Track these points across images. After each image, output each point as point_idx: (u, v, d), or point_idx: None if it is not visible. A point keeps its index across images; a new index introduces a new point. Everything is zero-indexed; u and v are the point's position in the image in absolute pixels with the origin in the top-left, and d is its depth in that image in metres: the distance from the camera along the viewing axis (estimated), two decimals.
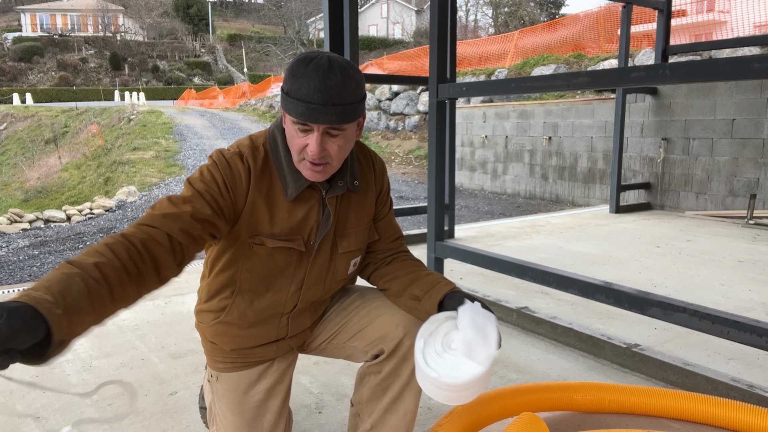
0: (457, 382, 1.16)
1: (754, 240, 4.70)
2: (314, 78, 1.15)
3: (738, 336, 1.93)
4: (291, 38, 47.05)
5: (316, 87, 1.14)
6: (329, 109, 1.15)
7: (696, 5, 18.78)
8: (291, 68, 1.19)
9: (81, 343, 2.60)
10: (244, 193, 1.28)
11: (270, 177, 1.30)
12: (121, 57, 43.62)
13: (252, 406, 1.46)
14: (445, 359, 1.19)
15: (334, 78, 1.15)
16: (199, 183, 1.25)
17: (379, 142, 15.24)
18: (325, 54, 1.19)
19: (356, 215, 1.42)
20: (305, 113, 1.16)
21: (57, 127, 21.16)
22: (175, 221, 1.17)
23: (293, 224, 1.33)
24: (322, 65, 1.16)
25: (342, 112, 1.17)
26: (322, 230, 1.36)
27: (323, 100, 1.15)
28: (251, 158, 1.29)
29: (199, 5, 52.12)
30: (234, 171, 1.27)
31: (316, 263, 1.39)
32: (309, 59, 1.17)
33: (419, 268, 1.46)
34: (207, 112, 22.17)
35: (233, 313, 1.40)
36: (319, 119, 1.16)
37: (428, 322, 1.27)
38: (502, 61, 14.39)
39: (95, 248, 1.06)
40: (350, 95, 1.18)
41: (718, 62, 1.89)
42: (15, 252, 6.71)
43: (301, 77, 1.16)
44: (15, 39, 43.70)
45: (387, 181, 1.52)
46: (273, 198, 1.31)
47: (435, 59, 3.11)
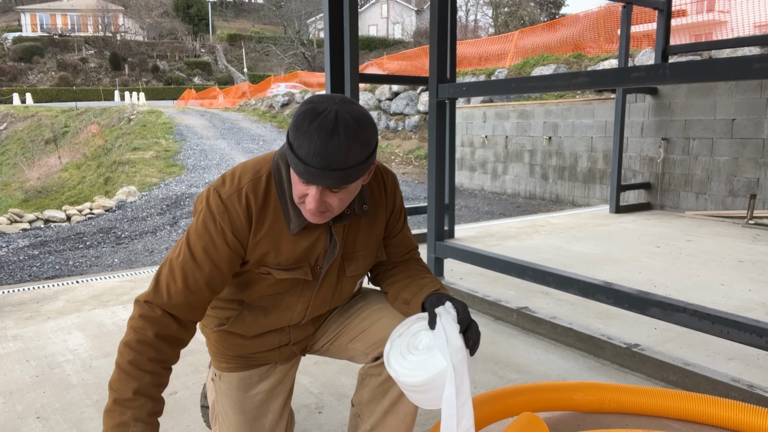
0: (413, 381, 1.16)
1: (754, 240, 4.70)
2: (316, 139, 1.08)
3: (738, 336, 1.93)
4: (291, 38, 47.03)
5: (316, 150, 1.08)
6: (328, 174, 1.09)
7: (696, 5, 18.78)
8: (297, 120, 1.11)
9: (81, 343, 2.60)
10: (247, 233, 1.25)
11: (273, 210, 1.26)
12: (121, 57, 43.62)
13: (254, 405, 1.48)
14: (409, 360, 1.20)
15: (337, 141, 1.08)
16: (203, 252, 1.23)
17: (379, 142, 15.25)
18: (334, 107, 1.11)
19: (365, 238, 1.39)
20: (303, 173, 1.11)
21: (57, 127, 21.16)
22: (199, 307, 1.26)
23: (299, 254, 1.30)
24: (327, 125, 1.08)
25: (342, 177, 1.11)
26: (329, 258, 1.34)
27: (322, 164, 1.08)
28: (252, 193, 1.24)
29: (199, 5, 52.11)
30: (233, 216, 1.23)
31: (323, 287, 1.40)
32: (316, 114, 1.10)
33: (418, 272, 1.44)
34: (207, 112, 22.17)
35: (237, 325, 1.43)
36: (317, 182, 1.11)
37: (400, 324, 1.29)
38: (502, 61, 14.39)
39: (130, 374, 1.18)
40: (353, 159, 1.10)
41: (718, 62, 1.89)
42: (15, 252, 6.71)
43: (303, 135, 1.09)
44: (15, 39, 43.69)
45: (399, 198, 1.46)
46: (277, 231, 1.27)
47: (435, 59, 3.11)
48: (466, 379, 1.13)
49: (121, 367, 1.18)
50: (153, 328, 1.20)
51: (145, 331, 1.20)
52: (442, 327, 1.17)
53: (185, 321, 1.26)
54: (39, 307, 3.12)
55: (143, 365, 1.18)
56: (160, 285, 1.23)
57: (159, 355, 1.20)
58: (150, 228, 7.95)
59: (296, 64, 43.80)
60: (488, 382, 2.20)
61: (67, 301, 3.24)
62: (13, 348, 2.55)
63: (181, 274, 1.23)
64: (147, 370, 1.18)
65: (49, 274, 5.75)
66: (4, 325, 2.85)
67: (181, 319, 1.25)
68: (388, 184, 1.42)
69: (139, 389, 1.16)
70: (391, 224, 1.45)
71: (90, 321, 2.90)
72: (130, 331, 1.21)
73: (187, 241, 1.25)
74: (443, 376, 1.13)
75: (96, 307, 3.12)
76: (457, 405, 1.11)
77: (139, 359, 1.18)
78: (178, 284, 1.23)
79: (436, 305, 1.25)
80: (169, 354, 1.23)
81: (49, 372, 2.29)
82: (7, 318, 2.95)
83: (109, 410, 1.17)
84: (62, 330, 2.77)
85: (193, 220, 1.28)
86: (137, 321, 1.21)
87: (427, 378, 1.15)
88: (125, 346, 1.20)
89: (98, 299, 3.26)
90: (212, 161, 13.48)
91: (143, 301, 1.23)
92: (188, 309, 1.24)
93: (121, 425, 1.14)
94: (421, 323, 1.26)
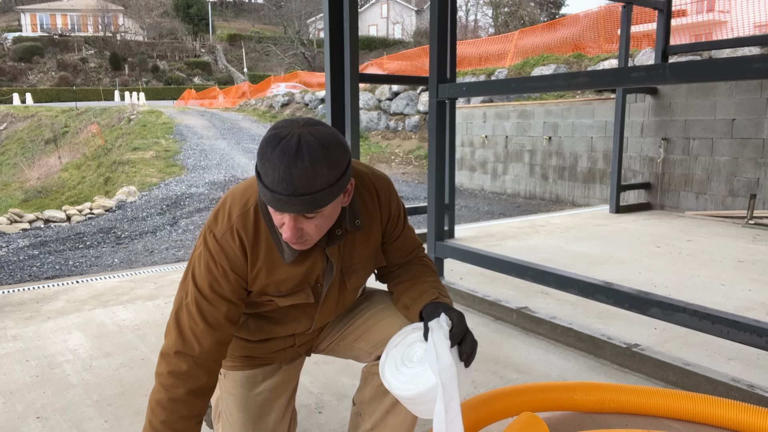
0: (405, 394, 1.17)
1: (754, 240, 4.70)
2: (279, 166, 1.05)
3: (738, 336, 1.93)
4: (291, 38, 47.02)
5: (280, 176, 1.05)
6: (295, 200, 1.07)
7: (696, 5, 18.78)
8: (261, 147, 1.09)
9: (81, 343, 2.60)
10: (245, 267, 1.26)
11: (266, 241, 1.26)
12: (121, 57, 43.61)
13: (258, 404, 1.49)
14: (402, 372, 1.20)
15: (301, 165, 1.05)
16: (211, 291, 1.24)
17: (379, 142, 15.25)
18: (297, 131, 1.08)
19: (362, 251, 1.38)
20: (271, 202, 1.09)
21: (57, 127, 21.16)
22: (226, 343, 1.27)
23: (298, 279, 1.31)
24: (290, 149, 1.05)
25: (310, 202, 1.07)
26: (327, 279, 1.35)
27: (288, 190, 1.06)
28: (243, 229, 1.24)
29: (199, 5, 52.09)
30: (230, 254, 1.24)
31: (326, 302, 1.40)
32: (279, 139, 1.07)
33: (421, 275, 1.43)
34: (207, 112, 22.16)
35: (242, 331, 1.44)
36: (285, 209, 1.08)
37: (397, 334, 1.29)
38: (502, 61, 14.39)
39: None
40: (320, 182, 1.07)
41: (718, 62, 1.89)
42: (15, 252, 6.71)
43: (267, 162, 1.07)
44: (15, 39, 43.68)
45: (395, 203, 1.41)
46: (272, 261, 1.27)
47: (435, 59, 3.11)
48: (455, 395, 1.13)
49: (154, 426, 1.21)
50: (185, 386, 1.22)
51: (176, 389, 1.21)
52: (433, 343, 1.17)
53: (213, 367, 1.27)
54: (39, 307, 3.12)
55: (176, 424, 1.21)
56: (184, 332, 1.24)
57: (191, 411, 1.23)
58: (150, 228, 7.95)
59: (296, 64, 43.79)
60: (488, 382, 2.20)
61: (67, 301, 3.24)
62: (13, 348, 2.55)
63: (200, 315, 1.24)
64: (180, 428, 1.21)
65: (49, 274, 5.75)
66: (4, 325, 2.85)
67: (209, 367, 1.26)
68: (381, 193, 1.37)
69: None
70: (389, 231, 1.43)
71: (90, 321, 2.90)
72: (161, 389, 1.22)
73: (195, 285, 1.26)
74: (434, 391, 1.14)
75: (96, 307, 3.12)
76: (446, 421, 1.12)
77: (172, 418, 1.21)
78: (200, 326, 1.24)
79: (431, 316, 1.24)
80: (200, 407, 1.25)
81: (49, 372, 2.29)
82: (7, 318, 2.95)
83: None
84: (62, 330, 2.77)
85: (194, 261, 1.29)
86: (167, 378, 1.22)
87: (418, 392, 1.15)
88: (158, 405, 1.21)
89: (98, 299, 3.26)
90: (212, 161, 13.47)
91: (173, 354, 1.23)
92: (218, 347, 1.26)
93: None
94: (416, 334, 1.26)
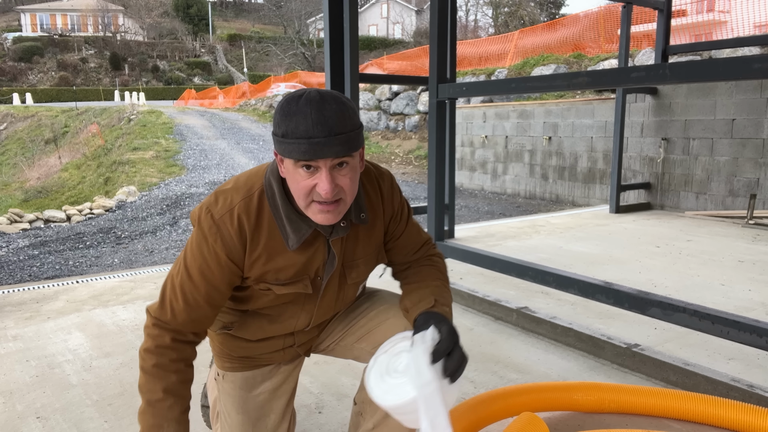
0: (384, 404, 1.17)
1: (754, 240, 4.70)
2: (310, 112, 1.08)
3: (738, 336, 1.93)
4: (291, 38, 47.02)
5: (314, 120, 1.07)
6: (333, 140, 1.08)
7: (696, 5, 18.78)
8: (281, 109, 1.11)
9: (81, 343, 2.60)
10: (241, 253, 1.24)
11: (268, 228, 1.24)
12: (121, 57, 43.61)
13: (257, 405, 1.48)
14: (385, 381, 1.20)
15: (330, 107, 1.09)
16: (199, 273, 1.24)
17: (379, 142, 15.25)
18: (312, 89, 1.13)
19: (364, 246, 1.36)
20: (308, 150, 1.08)
21: (57, 127, 21.16)
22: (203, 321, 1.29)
23: (298, 267, 1.29)
24: (314, 98, 1.10)
25: (346, 141, 1.10)
26: (328, 270, 1.33)
27: (325, 131, 1.08)
28: (244, 213, 1.22)
29: (199, 5, 52.09)
30: (225, 237, 1.22)
31: (325, 297, 1.39)
32: (298, 96, 1.11)
33: (426, 277, 1.40)
34: (207, 112, 22.16)
35: (241, 330, 1.44)
36: (325, 153, 1.09)
37: (389, 340, 1.29)
38: (502, 61, 14.39)
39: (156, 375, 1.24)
40: (350, 122, 1.11)
41: (718, 62, 1.89)
42: (15, 252, 6.71)
43: (295, 114, 1.09)
44: (15, 39, 43.68)
45: (398, 198, 1.40)
46: (273, 248, 1.26)
47: (435, 59, 3.11)
48: (440, 410, 1.11)
49: (146, 371, 1.25)
50: (169, 335, 1.26)
51: (162, 338, 1.25)
52: (414, 357, 1.16)
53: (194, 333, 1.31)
54: (39, 307, 3.12)
55: (167, 366, 1.24)
56: (165, 302, 1.27)
57: (180, 354, 1.26)
58: (150, 228, 7.95)
59: (296, 64, 43.79)
60: (488, 382, 2.20)
61: (67, 301, 3.24)
62: (13, 348, 2.55)
63: (181, 293, 1.25)
64: (171, 369, 1.24)
65: (49, 274, 5.75)
66: (4, 325, 2.85)
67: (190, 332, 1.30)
68: (384, 187, 1.38)
69: (167, 388, 1.23)
70: (392, 228, 1.41)
71: (90, 321, 2.90)
72: (148, 339, 1.26)
73: (185, 261, 1.26)
74: (413, 404, 1.13)
75: (96, 307, 3.12)
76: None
77: (162, 361, 1.24)
78: (179, 302, 1.25)
79: (420, 327, 1.23)
80: (188, 352, 1.29)
81: (49, 372, 2.29)
82: (7, 318, 2.95)
83: (143, 412, 1.24)
84: (62, 330, 2.77)
85: (189, 239, 1.29)
86: (152, 329, 1.26)
87: (397, 405, 1.15)
88: (146, 352, 1.25)
89: (98, 299, 3.26)
90: (212, 161, 13.48)
91: (153, 315, 1.28)
92: (193, 324, 1.27)
93: (154, 427, 1.22)
94: (405, 343, 1.25)
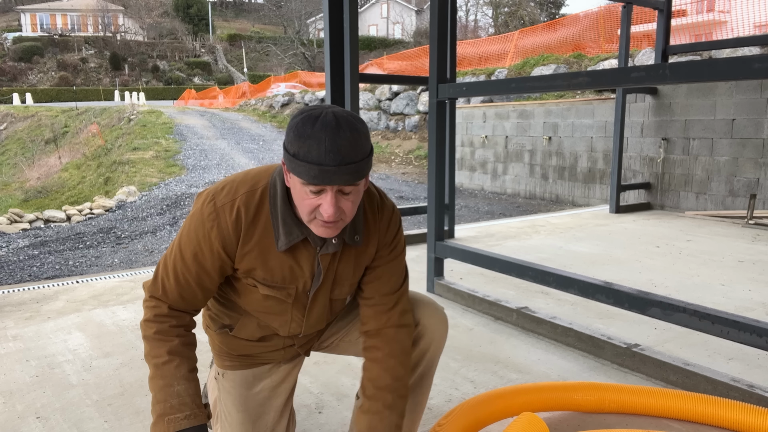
0: None
1: (754, 240, 4.70)
2: (323, 138, 1.10)
3: (738, 336, 1.93)
4: (291, 38, 47.01)
5: (327, 148, 1.10)
6: (343, 169, 1.11)
7: (696, 5, 18.78)
8: (296, 128, 1.13)
9: (81, 343, 2.60)
10: (234, 244, 1.27)
11: (264, 225, 1.27)
12: (121, 57, 43.59)
13: (257, 403, 1.50)
14: None
15: (344, 135, 1.11)
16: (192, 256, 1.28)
17: (379, 142, 15.24)
18: (328, 109, 1.15)
19: (354, 268, 1.38)
20: (318, 176, 1.11)
21: (57, 127, 21.15)
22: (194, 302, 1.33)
23: (285, 273, 1.31)
24: (329, 123, 1.11)
25: (355, 170, 1.13)
26: (314, 285, 1.35)
27: (336, 160, 1.10)
28: (244, 206, 1.26)
29: (199, 5, 52.07)
30: (222, 226, 1.25)
31: (314, 308, 1.40)
32: (314, 117, 1.12)
33: (385, 393, 1.35)
34: (207, 112, 22.16)
35: (239, 331, 1.45)
36: (334, 180, 1.11)
37: None
38: (502, 61, 14.38)
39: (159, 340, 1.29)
40: (361, 151, 1.13)
41: (718, 62, 1.89)
42: (15, 252, 6.71)
43: (309, 138, 1.10)
44: (15, 39, 43.67)
45: (395, 232, 1.40)
46: (264, 246, 1.28)
47: (435, 59, 3.11)
48: None
49: (149, 338, 1.30)
50: (166, 304, 1.31)
51: (159, 308, 1.31)
52: None
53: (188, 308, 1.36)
54: (39, 307, 3.12)
55: (168, 332, 1.29)
56: (158, 279, 1.32)
57: (179, 321, 1.31)
58: (150, 228, 7.95)
59: (296, 64, 43.78)
60: (488, 382, 2.20)
61: (67, 301, 3.24)
62: (13, 348, 2.55)
63: (173, 272, 1.30)
64: (173, 334, 1.30)
65: (49, 274, 5.75)
66: (4, 325, 2.85)
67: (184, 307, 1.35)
68: (384, 217, 1.38)
69: (172, 350, 1.28)
70: (379, 254, 1.39)
71: (90, 321, 2.90)
72: (147, 310, 1.32)
73: (179, 242, 1.30)
74: None
75: (96, 307, 3.12)
76: None
77: (163, 327, 1.29)
78: (171, 281, 1.30)
79: None
80: (187, 320, 1.34)
81: (49, 372, 2.29)
82: (7, 318, 2.95)
83: (152, 377, 1.27)
84: (62, 330, 2.77)
85: (187, 218, 1.31)
86: (149, 302, 1.32)
87: None
88: (146, 322, 1.31)
89: (98, 299, 3.26)
90: (212, 161, 13.47)
91: (148, 290, 1.34)
92: (184, 302, 1.32)
93: (165, 387, 1.25)
94: None
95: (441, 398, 2.07)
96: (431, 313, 1.48)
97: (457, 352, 2.50)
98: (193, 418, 1.24)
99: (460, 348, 2.55)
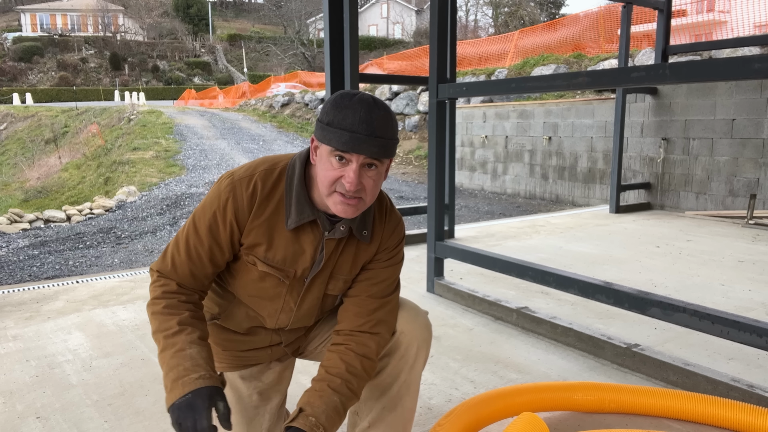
0: None
1: (754, 240, 4.70)
2: (359, 109, 1.17)
3: (738, 336, 1.93)
4: (291, 38, 47.02)
5: (361, 118, 1.17)
6: (373, 140, 1.17)
7: (696, 5, 18.78)
8: (334, 101, 1.21)
9: (81, 343, 2.60)
10: (246, 216, 1.30)
11: (277, 202, 1.31)
12: (121, 57, 43.60)
13: (250, 406, 1.51)
14: None
15: (378, 112, 1.19)
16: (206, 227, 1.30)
17: None
18: (367, 93, 1.23)
19: (353, 263, 1.39)
20: (349, 142, 1.16)
21: (57, 127, 21.16)
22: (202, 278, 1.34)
23: (288, 254, 1.33)
24: (367, 99, 1.20)
25: (384, 145, 1.19)
26: (314, 270, 1.36)
27: (368, 130, 1.17)
28: (261, 181, 1.30)
29: (199, 5, 52.07)
30: (237, 197, 1.29)
31: (307, 298, 1.40)
32: (353, 94, 1.21)
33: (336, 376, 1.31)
34: (207, 112, 22.16)
35: (226, 320, 1.46)
36: (362, 149, 1.17)
37: None
38: (502, 61, 14.38)
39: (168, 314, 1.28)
40: (391, 130, 1.21)
41: (718, 62, 1.89)
42: (15, 252, 6.71)
43: (346, 108, 1.18)
44: (15, 39, 43.67)
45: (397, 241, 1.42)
46: (274, 223, 1.31)
47: (435, 59, 3.11)
48: None
49: (157, 314, 1.28)
50: (174, 282, 1.32)
51: (168, 285, 1.31)
52: None
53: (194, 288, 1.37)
54: (39, 307, 3.12)
55: (178, 306, 1.29)
56: (167, 255, 1.34)
57: (188, 298, 1.32)
58: (150, 228, 7.95)
59: (296, 64, 43.79)
60: (488, 382, 2.20)
61: (67, 301, 3.24)
62: (13, 348, 2.55)
63: (185, 245, 1.32)
64: (183, 308, 1.29)
65: (49, 274, 5.75)
66: (4, 325, 2.85)
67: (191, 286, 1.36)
68: (391, 222, 1.41)
69: (182, 320, 1.27)
70: (377, 256, 1.40)
71: (90, 321, 2.90)
72: (156, 289, 1.32)
73: (194, 216, 1.33)
74: None
75: (96, 307, 3.12)
76: None
77: (172, 302, 1.29)
78: (182, 255, 1.32)
79: None
80: (195, 298, 1.34)
81: (49, 372, 2.29)
82: (7, 318, 2.95)
83: (163, 350, 1.24)
84: (62, 330, 2.77)
85: (204, 200, 1.34)
86: (158, 281, 1.33)
87: None
88: (155, 299, 1.30)
89: (98, 299, 3.26)
90: (212, 161, 13.48)
91: (156, 270, 1.35)
92: (193, 279, 1.33)
93: (178, 351, 1.22)
94: None
95: (441, 398, 2.07)
96: (411, 318, 1.44)
97: (457, 352, 2.50)
98: (208, 378, 1.19)
99: (460, 348, 2.55)
